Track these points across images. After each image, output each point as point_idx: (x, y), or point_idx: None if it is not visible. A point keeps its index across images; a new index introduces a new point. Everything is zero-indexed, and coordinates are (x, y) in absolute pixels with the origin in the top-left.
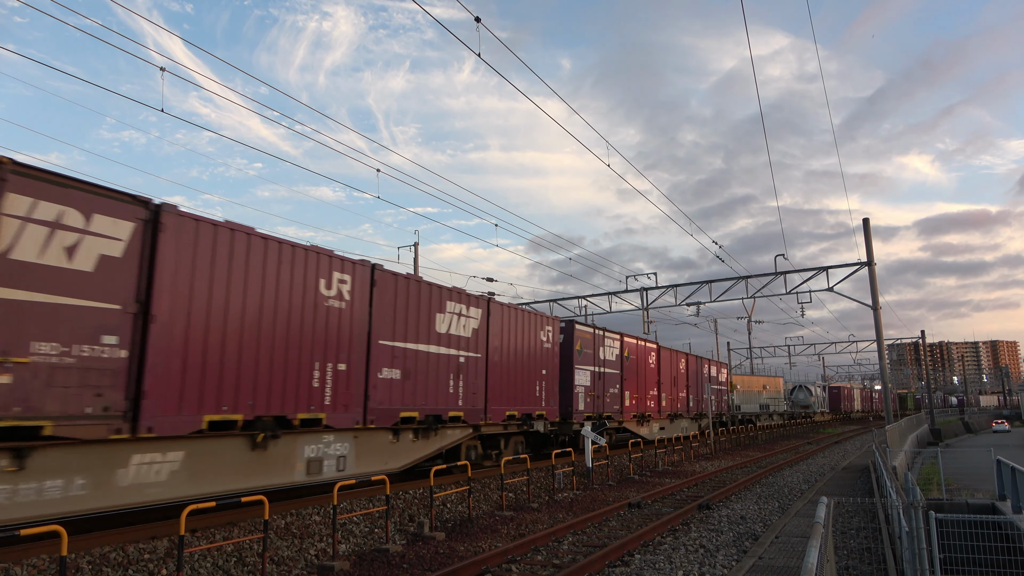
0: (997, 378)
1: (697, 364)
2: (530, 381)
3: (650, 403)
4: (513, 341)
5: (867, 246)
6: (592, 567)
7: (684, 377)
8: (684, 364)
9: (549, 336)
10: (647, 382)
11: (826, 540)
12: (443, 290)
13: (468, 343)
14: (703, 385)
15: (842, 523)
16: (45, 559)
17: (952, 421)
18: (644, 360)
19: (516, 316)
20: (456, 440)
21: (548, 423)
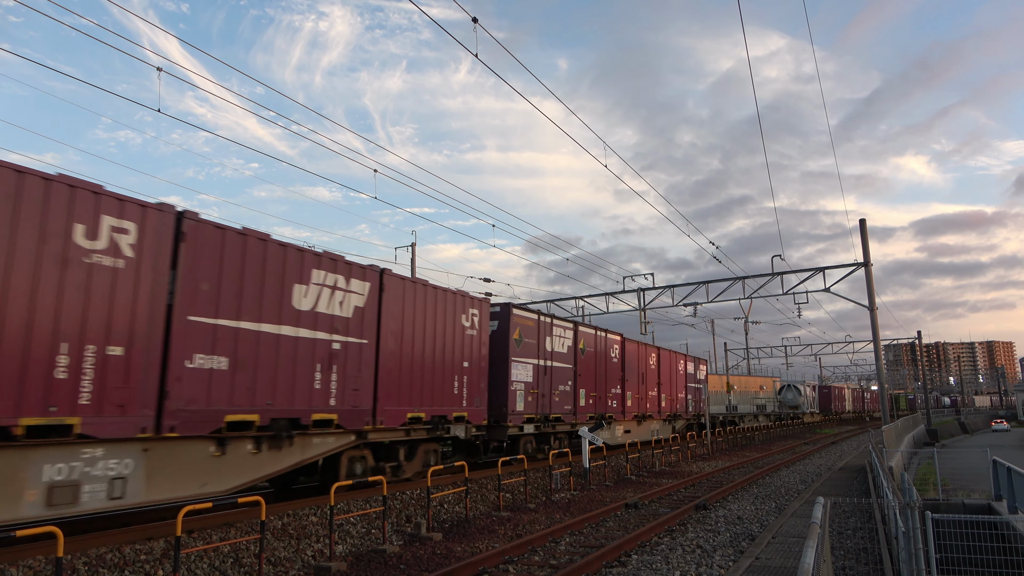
0: (993, 379)
1: (672, 360)
2: (445, 376)
3: (612, 403)
4: (419, 325)
5: (863, 247)
6: (589, 567)
7: (655, 374)
8: (655, 360)
9: (474, 321)
10: (609, 379)
11: (823, 540)
12: (306, 255)
13: (347, 325)
14: (678, 383)
15: (839, 523)
16: (41, 560)
17: (948, 421)
18: (605, 354)
19: (425, 294)
20: (328, 450)
21: (472, 427)
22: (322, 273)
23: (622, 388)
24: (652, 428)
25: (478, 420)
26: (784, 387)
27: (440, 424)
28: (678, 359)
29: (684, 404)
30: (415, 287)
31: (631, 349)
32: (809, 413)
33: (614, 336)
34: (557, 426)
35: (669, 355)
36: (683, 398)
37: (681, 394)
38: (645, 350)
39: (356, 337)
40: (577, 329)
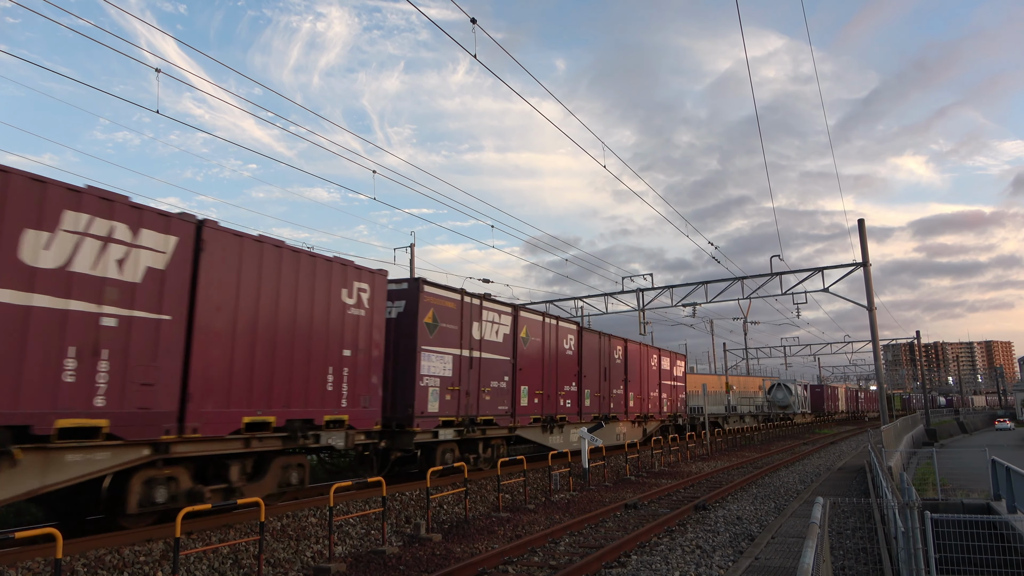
0: (992, 378)
1: (643, 355)
2: (313, 367)
3: (565, 403)
4: (269, 299)
5: (862, 247)
6: (589, 568)
7: (622, 370)
8: (622, 353)
9: (362, 298)
10: (562, 375)
11: (822, 540)
12: (50, 188)
13: (133, 294)
14: (650, 381)
15: (838, 523)
16: (40, 562)
17: (947, 421)
18: (556, 345)
19: (280, 260)
20: (98, 470)
21: (358, 433)
22: (82, 217)
23: (579, 386)
24: (618, 431)
25: (366, 424)
26: (774, 386)
27: (303, 431)
28: (650, 353)
29: (658, 404)
30: (261, 249)
31: (591, 341)
32: (800, 413)
33: (568, 325)
34: (489, 430)
35: (640, 349)
36: (657, 397)
37: (654, 393)
38: (609, 343)
39: (148, 311)
40: (518, 315)
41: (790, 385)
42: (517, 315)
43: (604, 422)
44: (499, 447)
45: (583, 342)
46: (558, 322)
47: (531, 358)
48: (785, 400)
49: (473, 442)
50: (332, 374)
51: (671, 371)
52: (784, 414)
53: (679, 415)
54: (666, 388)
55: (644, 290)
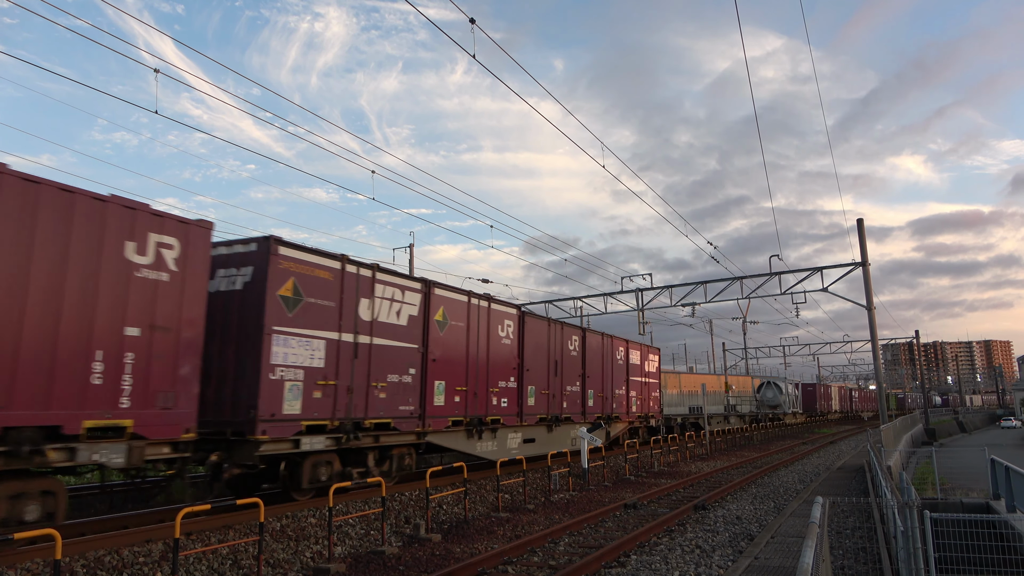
0: (991, 378)
1: (607, 347)
2: (65, 351)
3: (499, 401)
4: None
5: (861, 246)
6: (588, 568)
7: (578, 364)
8: (578, 345)
9: (166, 257)
10: (495, 368)
11: (822, 540)
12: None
13: None
14: (615, 376)
15: (837, 523)
16: (39, 563)
17: (946, 421)
18: (490, 333)
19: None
20: None
21: (150, 446)
22: None
23: (520, 381)
24: (574, 435)
25: (167, 432)
26: (763, 384)
27: (37, 443)
28: (616, 346)
29: (624, 403)
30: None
31: (536, 329)
32: (791, 413)
33: (504, 308)
34: (385, 437)
35: (602, 341)
36: (624, 395)
37: (620, 390)
38: (562, 332)
39: None
40: (431, 292)
41: (780, 383)
42: (430, 292)
43: (555, 424)
44: (404, 457)
45: (526, 330)
46: (490, 304)
47: (451, 347)
48: (775, 400)
49: (360, 452)
50: (102, 361)
51: (642, 366)
52: (774, 414)
53: (651, 416)
54: (635, 385)
55: (643, 290)
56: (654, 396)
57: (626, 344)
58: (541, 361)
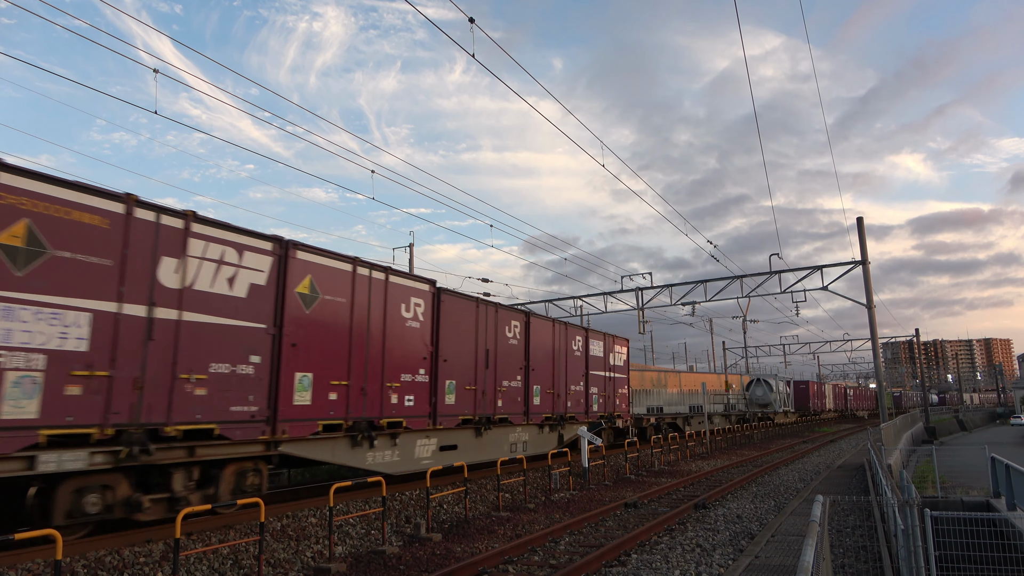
0: (991, 376)
1: (558, 335)
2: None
3: (401, 399)
4: None
5: (861, 245)
6: (589, 567)
7: (520, 355)
8: (519, 332)
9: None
10: (396, 358)
11: (822, 538)
12: None
13: None
14: (569, 370)
15: (838, 521)
16: (40, 563)
17: (947, 419)
18: (387, 313)
19: None
20: None
21: None
22: None
23: (433, 375)
24: (513, 439)
25: None
26: (752, 382)
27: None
28: (571, 335)
29: (583, 401)
30: None
31: (457, 311)
32: (782, 412)
33: (412, 284)
34: (204, 449)
35: (553, 328)
36: (581, 392)
37: (577, 386)
38: (495, 316)
39: None
40: (289, 256)
41: (771, 381)
42: (287, 256)
43: (485, 427)
44: (246, 475)
45: (443, 311)
46: (388, 277)
47: (323, 329)
48: (765, 398)
49: (162, 472)
50: None
51: (606, 359)
52: (763, 413)
53: (618, 415)
54: (597, 381)
55: (643, 289)
56: (621, 393)
57: (585, 333)
58: (465, 350)
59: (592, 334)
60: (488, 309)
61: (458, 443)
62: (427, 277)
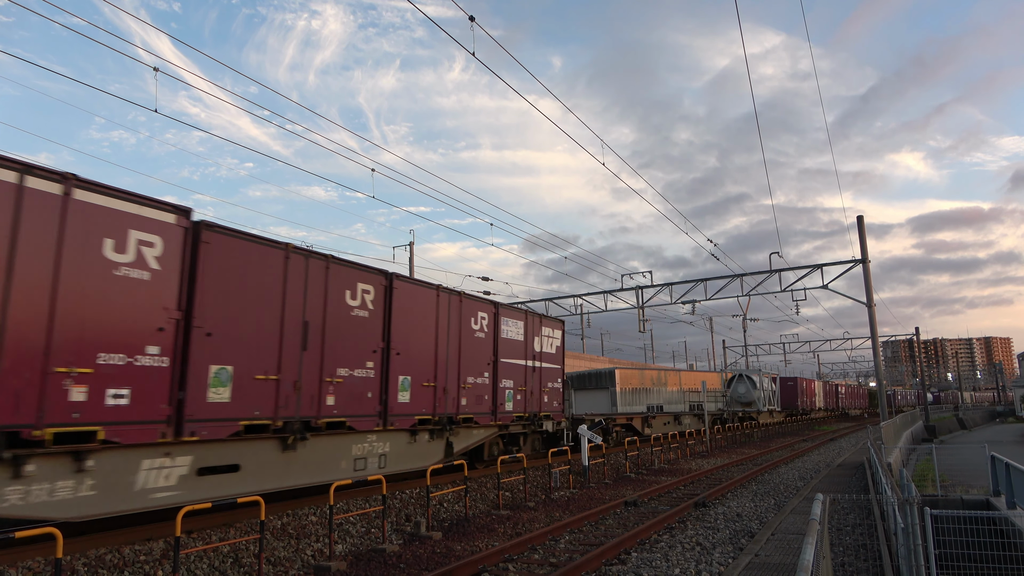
0: (991, 375)
1: (443, 308)
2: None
3: (100, 394)
4: None
5: (861, 243)
6: (589, 565)
7: (374, 332)
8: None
9: None
10: (98, 330)
11: (822, 537)
12: None
13: None
14: (473, 359)
15: (838, 520)
16: (41, 561)
17: (947, 418)
18: (85, 260)
19: None
20: None
21: None
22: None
23: (180, 352)
24: (360, 453)
25: None
26: (734, 378)
27: None
28: (471, 310)
29: (488, 399)
30: None
31: (244, 262)
32: (767, 411)
33: (141, 211)
34: None
35: (437, 297)
36: (486, 386)
37: (479, 378)
38: (324, 275)
39: None
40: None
41: (754, 377)
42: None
43: (299, 436)
44: None
45: (207, 263)
46: (71, 192)
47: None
48: (748, 396)
49: None
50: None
51: (527, 344)
52: (745, 412)
53: (546, 416)
54: (512, 372)
55: (643, 288)
56: (551, 388)
57: (493, 309)
58: (262, 321)
59: (505, 311)
60: (306, 263)
61: (242, 462)
62: (178, 205)
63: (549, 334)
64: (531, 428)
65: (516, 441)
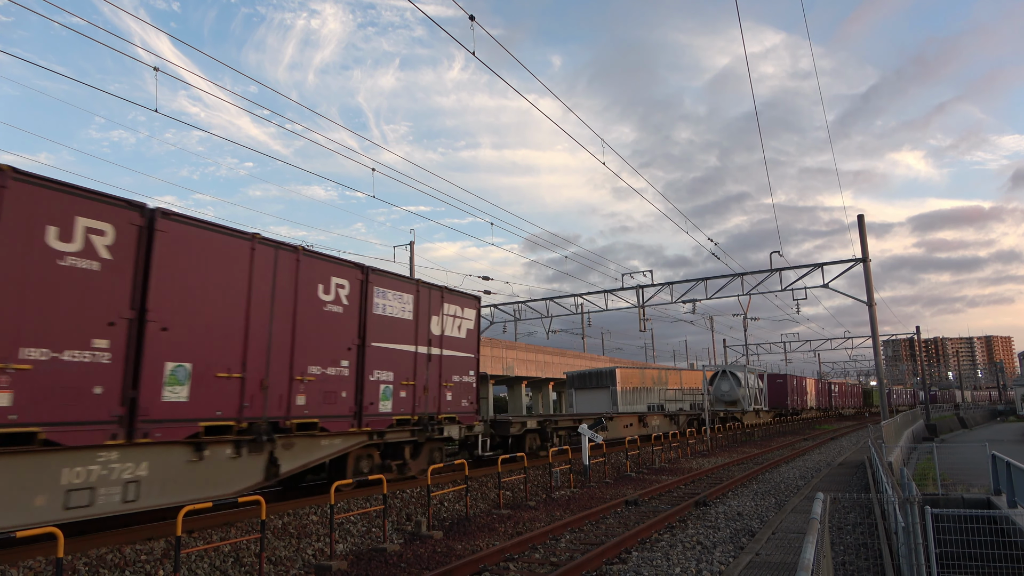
0: (992, 373)
1: (262, 266)
2: None
3: None
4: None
5: (862, 242)
6: (590, 564)
7: (122, 292)
8: (108, 244)
9: None
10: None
11: (823, 536)
12: None
13: None
14: (298, 337)
15: (838, 519)
16: (42, 561)
17: (948, 416)
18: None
19: None
20: None
21: None
22: None
23: None
24: (126, 476)
25: None
26: (716, 375)
27: None
28: (325, 274)
29: (349, 397)
30: None
31: None
32: (752, 411)
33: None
34: None
35: (274, 258)
36: (341, 379)
37: (335, 368)
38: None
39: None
40: None
41: (739, 374)
42: None
43: None
44: None
45: None
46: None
47: None
48: (732, 394)
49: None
50: None
51: (418, 325)
52: (728, 412)
53: (448, 418)
54: (393, 360)
55: (644, 287)
56: (459, 383)
57: (360, 276)
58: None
59: (382, 280)
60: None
61: None
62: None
63: (456, 313)
64: (426, 435)
65: (398, 452)
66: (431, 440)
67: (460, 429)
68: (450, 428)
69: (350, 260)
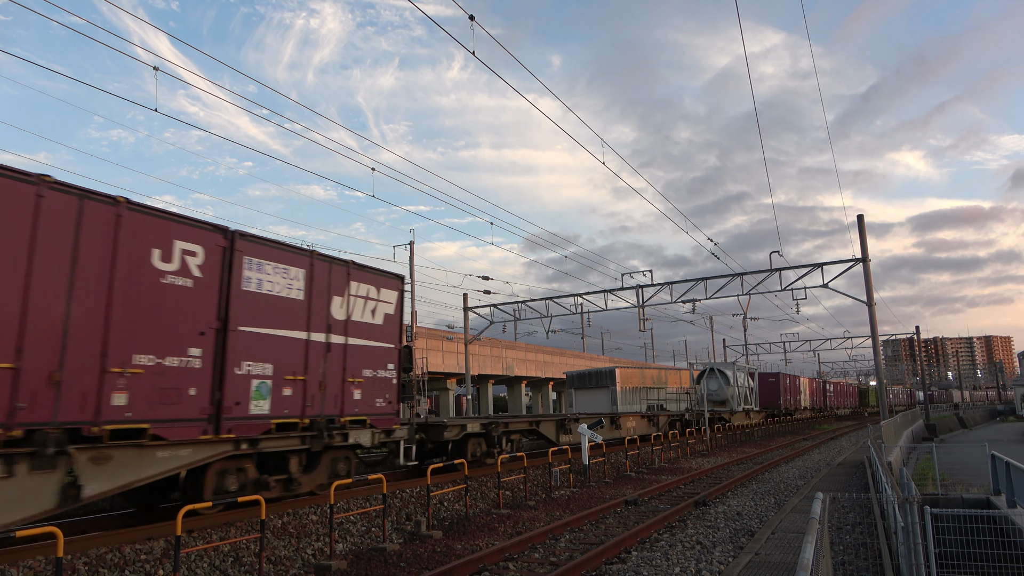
0: (991, 373)
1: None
2: None
3: None
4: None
5: (862, 242)
6: (589, 564)
7: None
8: None
9: None
10: None
11: (822, 536)
12: None
13: None
14: (113, 317)
15: (838, 518)
16: (41, 560)
17: (947, 416)
18: None
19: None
20: None
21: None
22: None
23: None
24: None
25: None
26: (704, 373)
27: None
28: (165, 237)
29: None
30: None
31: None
32: (742, 411)
33: None
34: None
35: (76, 211)
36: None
37: (179, 358)
38: None
39: None
40: None
41: (727, 372)
42: None
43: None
44: None
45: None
46: None
47: None
48: (720, 393)
49: None
50: None
51: (311, 306)
52: (715, 413)
53: (358, 421)
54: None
55: (644, 287)
56: (372, 378)
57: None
58: None
59: (256, 249)
60: None
61: None
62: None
63: (369, 294)
64: (323, 443)
65: (285, 465)
66: (332, 448)
67: (373, 435)
68: (358, 434)
69: (207, 221)
